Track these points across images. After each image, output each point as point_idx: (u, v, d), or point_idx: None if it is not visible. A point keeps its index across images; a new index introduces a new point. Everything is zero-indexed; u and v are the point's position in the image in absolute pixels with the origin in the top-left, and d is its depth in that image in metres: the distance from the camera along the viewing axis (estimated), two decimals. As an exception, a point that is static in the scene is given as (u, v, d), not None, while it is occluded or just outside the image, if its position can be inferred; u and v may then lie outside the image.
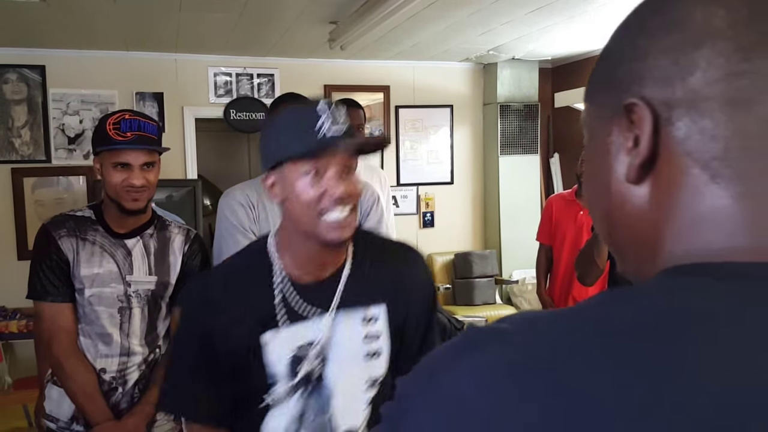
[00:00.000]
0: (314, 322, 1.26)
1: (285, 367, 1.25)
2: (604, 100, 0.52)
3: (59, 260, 1.83)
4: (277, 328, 1.25)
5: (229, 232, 2.01)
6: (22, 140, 4.53)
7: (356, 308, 1.29)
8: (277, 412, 1.28)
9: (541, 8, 3.57)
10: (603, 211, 0.54)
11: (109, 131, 1.76)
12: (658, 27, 0.48)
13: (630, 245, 0.52)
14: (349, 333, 1.29)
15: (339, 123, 1.17)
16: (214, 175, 6.32)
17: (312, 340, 1.26)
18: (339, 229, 1.19)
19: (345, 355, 1.28)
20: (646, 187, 0.49)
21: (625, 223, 0.51)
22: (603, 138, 0.52)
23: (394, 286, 1.33)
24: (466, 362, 0.43)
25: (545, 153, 5.66)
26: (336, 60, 5.00)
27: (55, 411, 1.90)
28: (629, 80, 0.49)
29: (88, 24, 3.86)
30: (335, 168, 1.18)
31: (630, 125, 0.49)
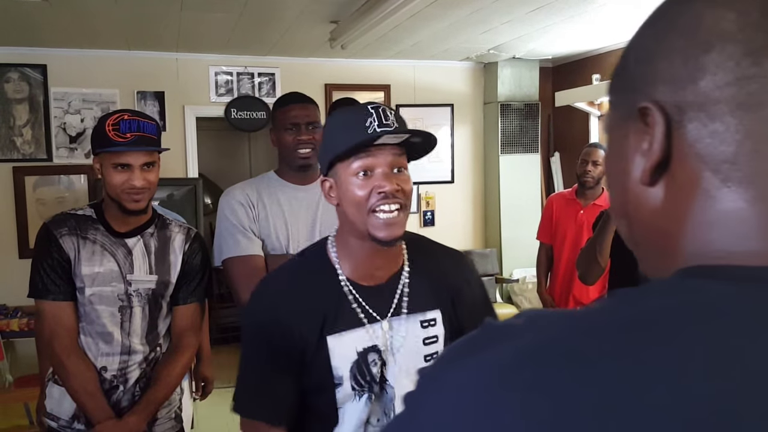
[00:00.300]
0: (375, 326, 1.29)
1: (348, 370, 1.28)
2: (620, 101, 0.53)
3: (60, 259, 1.83)
4: (341, 331, 1.27)
5: (229, 232, 2.01)
6: (24, 139, 4.54)
7: (415, 312, 1.33)
8: (343, 417, 1.30)
9: (541, 7, 3.58)
10: (622, 212, 0.54)
11: (109, 132, 1.75)
12: (668, 30, 0.49)
13: (648, 246, 0.53)
14: (409, 336, 1.31)
15: (387, 121, 1.21)
16: (215, 174, 6.33)
17: (374, 343, 1.29)
18: (388, 227, 1.23)
19: (406, 358, 1.31)
20: (660, 189, 0.49)
21: (642, 224, 0.52)
22: (620, 140, 0.52)
23: (449, 291, 1.37)
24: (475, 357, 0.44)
25: (546, 152, 5.66)
26: (337, 59, 5.00)
27: (56, 409, 1.91)
28: (642, 83, 0.49)
29: (90, 23, 3.87)
30: (383, 165, 1.22)
31: (644, 128, 0.49)
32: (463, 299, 1.38)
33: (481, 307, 1.43)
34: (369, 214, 1.22)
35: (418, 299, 1.33)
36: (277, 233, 2.04)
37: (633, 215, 0.52)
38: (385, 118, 1.22)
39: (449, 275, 1.39)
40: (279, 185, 2.11)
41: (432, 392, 0.46)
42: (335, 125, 1.28)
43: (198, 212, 4.63)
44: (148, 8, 3.54)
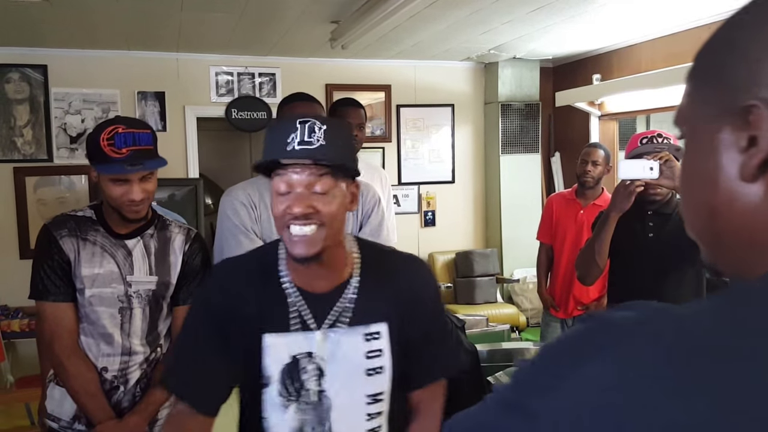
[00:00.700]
0: (313, 333, 1.28)
1: (279, 373, 1.27)
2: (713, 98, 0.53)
3: (60, 260, 1.83)
4: (277, 331, 1.27)
5: (231, 233, 2.00)
6: (24, 139, 4.55)
7: (358, 325, 1.30)
8: (274, 422, 1.29)
9: (541, 7, 3.58)
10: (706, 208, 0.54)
11: (104, 147, 1.73)
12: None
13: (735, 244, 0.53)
14: (350, 348, 1.29)
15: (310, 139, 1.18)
16: (215, 174, 6.33)
17: (309, 350, 1.27)
18: (301, 245, 1.20)
19: (345, 370, 1.29)
20: (760, 186, 0.50)
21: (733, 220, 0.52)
22: (710, 135, 0.52)
23: (399, 303, 1.33)
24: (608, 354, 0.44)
25: (546, 152, 5.66)
26: (337, 59, 5.00)
27: (57, 410, 1.91)
28: (748, 82, 0.50)
29: (90, 23, 3.87)
30: (299, 186, 1.19)
31: (746, 125, 0.49)
32: (416, 312, 1.35)
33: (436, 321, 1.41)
34: (284, 230, 1.22)
35: (364, 312, 1.30)
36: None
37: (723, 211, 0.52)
38: (309, 135, 1.18)
39: (403, 288, 1.35)
40: None
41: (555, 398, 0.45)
42: (269, 133, 1.26)
43: (199, 212, 4.63)
44: (148, 8, 3.55)
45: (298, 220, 1.19)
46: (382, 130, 5.38)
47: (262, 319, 1.27)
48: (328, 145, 1.19)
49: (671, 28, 4.13)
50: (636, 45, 4.57)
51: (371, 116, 5.12)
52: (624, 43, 4.64)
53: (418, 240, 5.48)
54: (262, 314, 1.27)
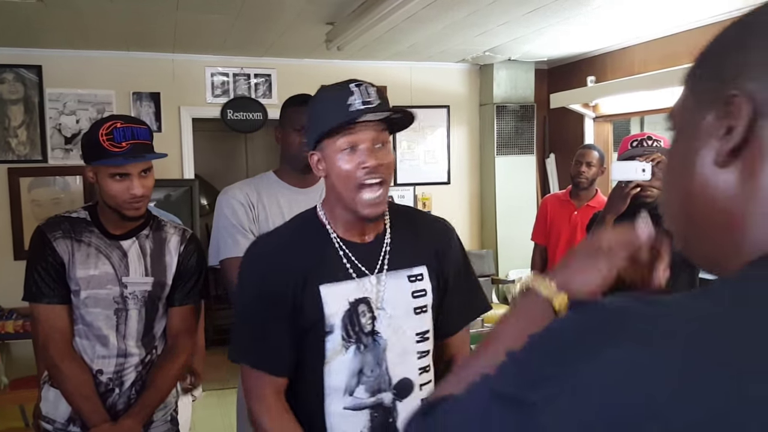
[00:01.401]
0: (365, 279, 1.38)
1: (340, 320, 1.35)
2: (706, 88, 0.55)
3: (54, 262, 1.82)
4: (332, 282, 1.36)
5: (228, 231, 2.00)
6: (19, 140, 4.53)
7: (402, 268, 1.42)
8: (336, 367, 1.37)
9: (537, 10, 3.59)
10: (682, 193, 0.56)
11: (103, 142, 1.74)
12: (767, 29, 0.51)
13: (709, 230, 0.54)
14: (398, 290, 1.41)
15: (369, 98, 1.30)
16: (211, 175, 6.32)
17: (364, 296, 1.37)
18: (373, 206, 1.33)
19: (396, 311, 1.39)
20: (731, 172, 0.51)
21: (706, 206, 0.54)
22: (696, 123, 0.54)
23: (432, 250, 1.47)
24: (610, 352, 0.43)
25: (541, 153, 5.67)
26: (333, 60, 5.00)
27: (52, 412, 1.90)
28: (735, 73, 0.51)
29: (85, 24, 3.86)
30: (366, 141, 1.31)
31: (726, 114, 0.51)
32: (447, 258, 1.49)
33: (463, 268, 1.55)
34: (356, 191, 1.32)
35: (404, 256, 1.43)
36: None
37: (696, 197, 0.54)
38: (368, 95, 1.30)
39: (432, 236, 1.50)
40: (279, 187, 2.10)
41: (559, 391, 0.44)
42: (321, 102, 1.36)
43: (194, 213, 4.63)
44: (143, 9, 3.54)
45: (371, 174, 1.31)
46: (377, 131, 5.38)
47: (317, 272, 1.36)
48: (383, 103, 1.32)
49: (665, 31, 4.14)
50: (630, 47, 4.58)
51: (367, 117, 5.11)
52: (618, 45, 4.66)
53: (414, 241, 5.48)
54: (316, 268, 1.36)
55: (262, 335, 1.37)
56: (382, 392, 1.39)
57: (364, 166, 1.30)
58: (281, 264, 1.37)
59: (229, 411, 1.95)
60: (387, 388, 1.39)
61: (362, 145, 1.31)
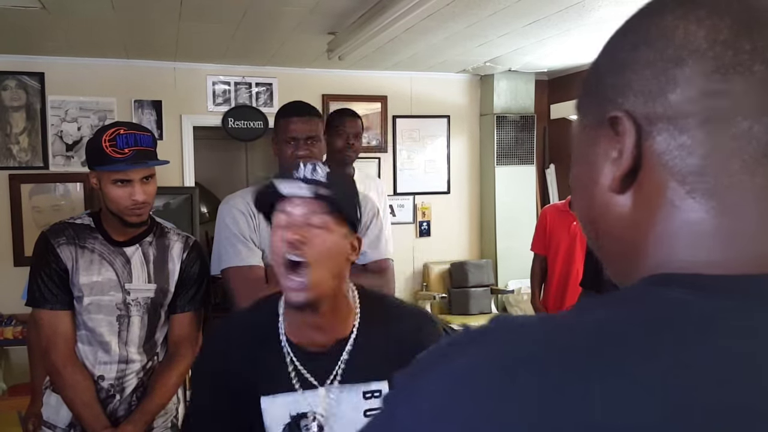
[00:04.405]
0: (311, 393, 1.26)
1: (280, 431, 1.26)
2: (591, 110, 0.53)
3: (58, 268, 1.83)
4: (275, 393, 1.25)
5: (229, 241, 2.00)
6: (20, 147, 4.54)
7: (357, 382, 1.28)
8: None
9: (537, 21, 3.61)
10: (588, 219, 0.55)
11: (106, 149, 1.75)
12: (640, 42, 0.49)
13: (614, 252, 0.54)
14: (348, 406, 1.27)
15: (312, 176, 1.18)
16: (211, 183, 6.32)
17: (308, 409, 1.26)
18: (295, 293, 1.18)
19: (345, 428, 1.27)
20: (628, 197, 0.50)
21: (608, 230, 0.53)
22: (589, 148, 0.53)
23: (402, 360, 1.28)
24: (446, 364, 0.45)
25: (541, 164, 5.69)
26: (334, 70, 5.02)
27: (53, 418, 1.91)
28: (613, 92, 0.50)
29: (88, 32, 3.88)
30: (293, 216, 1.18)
31: (614, 136, 0.50)
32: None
33: None
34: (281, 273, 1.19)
35: (363, 368, 1.27)
36: None
37: (599, 222, 0.53)
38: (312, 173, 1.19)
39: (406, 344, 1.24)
40: None
41: (405, 399, 0.47)
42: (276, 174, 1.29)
43: (194, 221, 4.63)
44: (146, 17, 3.56)
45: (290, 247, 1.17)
46: (378, 140, 5.40)
47: (259, 382, 1.25)
48: (330, 184, 1.19)
49: (665, 43, 4.17)
50: (630, 59, 4.61)
51: (367, 127, 5.13)
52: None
53: (413, 250, 5.49)
54: (259, 376, 1.25)
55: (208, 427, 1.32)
56: None
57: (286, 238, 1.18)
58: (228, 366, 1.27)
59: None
60: None
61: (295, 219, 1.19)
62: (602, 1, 3.24)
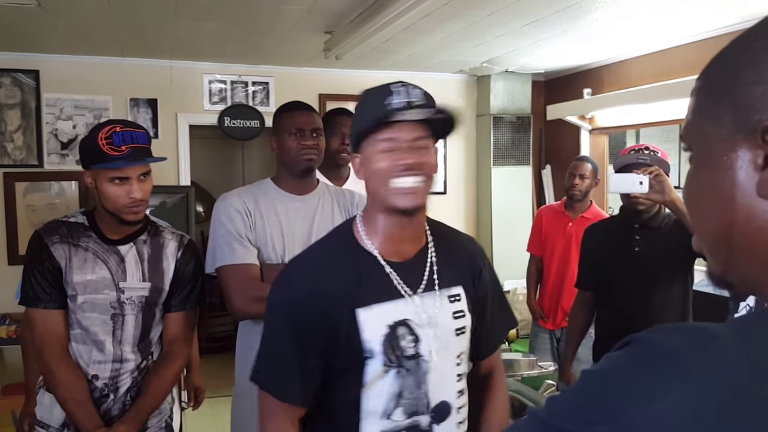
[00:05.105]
0: (405, 300, 1.32)
1: (380, 344, 1.29)
2: (726, 117, 0.54)
3: (51, 267, 1.82)
4: (371, 304, 1.29)
5: (225, 239, 1.99)
6: (15, 145, 4.52)
7: (443, 288, 1.37)
8: (375, 391, 1.31)
9: (535, 22, 3.61)
10: (722, 224, 0.55)
11: (103, 147, 1.74)
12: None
13: (754, 259, 0.54)
14: (441, 310, 1.36)
15: (410, 98, 1.28)
16: (207, 182, 6.32)
17: (404, 318, 1.31)
18: (408, 195, 1.27)
19: (439, 332, 1.34)
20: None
21: (751, 236, 0.53)
22: (722, 153, 0.54)
23: (468, 271, 1.44)
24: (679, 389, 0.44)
25: (537, 164, 5.69)
26: (331, 69, 5.02)
27: (47, 417, 1.90)
28: (761, 102, 0.51)
29: (84, 29, 3.87)
30: (406, 140, 1.27)
31: (762, 144, 0.51)
32: (483, 280, 1.45)
33: (496, 289, 1.52)
34: (391, 185, 1.27)
35: (445, 275, 1.38)
36: (273, 243, 2.03)
37: (740, 228, 0.53)
38: (408, 95, 1.29)
39: (469, 256, 1.46)
40: (276, 194, 2.10)
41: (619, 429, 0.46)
42: (363, 102, 1.35)
43: (190, 220, 4.62)
44: (142, 15, 3.55)
45: (408, 171, 1.26)
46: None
47: (353, 296, 1.29)
48: (428, 103, 1.31)
49: (662, 45, 4.18)
50: (627, 60, 4.61)
51: (364, 126, 5.12)
52: (615, 58, 4.69)
53: (409, 250, 5.49)
54: (351, 290, 1.30)
55: (285, 365, 1.31)
56: (420, 415, 1.33)
57: (402, 162, 1.26)
58: (313, 291, 1.30)
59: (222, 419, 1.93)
60: (425, 410, 1.34)
61: (401, 143, 1.27)
62: (599, 3, 3.24)
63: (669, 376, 0.46)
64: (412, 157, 1.26)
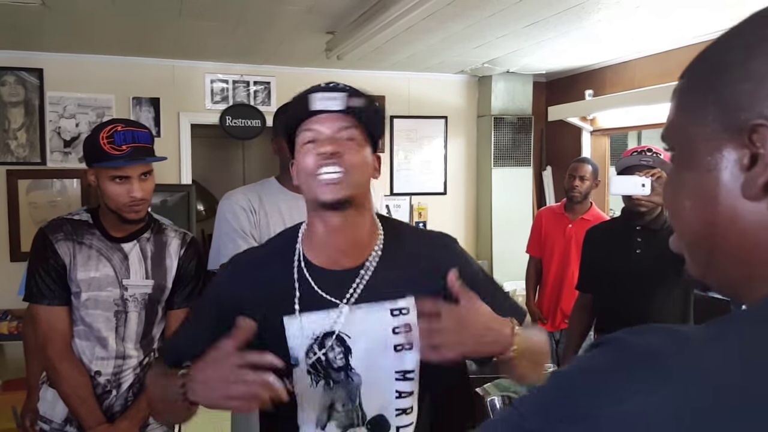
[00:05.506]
0: (335, 311, 1.25)
1: (304, 353, 1.26)
2: (710, 116, 0.52)
3: (56, 264, 1.84)
4: (297, 313, 1.25)
5: (229, 236, 2.00)
6: (18, 142, 4.54)
7: (383, 300, 1.27)
8: (307, 400, 1.27)
9: (536, 23, 3.62)
10: (704, 225, 0.54)
11: (104, 145, 1.76)
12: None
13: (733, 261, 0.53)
14: (375, 324, 1.27)
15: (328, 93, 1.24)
16: (208, 181, 6.33)
17: (332, 329, 1.25)
18: (331, 187, 1.20)
19: (372, 346, 1.27)
20: (764, 204, 0.50)
21: (733, 238, 0.52)
22: (705, 153, 0.52)
23: (428, 278, 1.28)
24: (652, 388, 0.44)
25: (538, 166, 5.70)
26: (332, 69, 5.03)
27: (49, 413, 1.91)
28: (748, 101, 0.50)
29: (87, 29, 3.88)
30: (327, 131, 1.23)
31: (749, 143, 0.49)
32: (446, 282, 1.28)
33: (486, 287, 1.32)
34: (314, 178, 1.21)
35: (389, 286, 1.27)
36: None
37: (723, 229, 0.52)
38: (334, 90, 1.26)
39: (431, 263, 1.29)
40: (280, 193, 2.11)
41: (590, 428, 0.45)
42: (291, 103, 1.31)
43: (191, 219, 4.63)
44: (145, 15, 3.56)
45: (328, 160, 1.20)
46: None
47: (282, 302, 1.25)
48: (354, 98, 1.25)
49: (664, 46, 4.18)
50: (629, 62, 4.62)
51: (365, 126, 5.13)
52: (617, 59, 4.70)
53: (409, 250, 5.49)
54: (280, 297, 1.26)
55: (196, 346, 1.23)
56: (355, 427, 1.29)
57: (320, 151, 1.20)
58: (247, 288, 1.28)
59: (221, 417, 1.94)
60: (359, 423, 1.29)
61: (321, 135, 1.22)
62: (601, 4, 3.25)
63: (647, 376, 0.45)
64: (332, 147, 1.20)
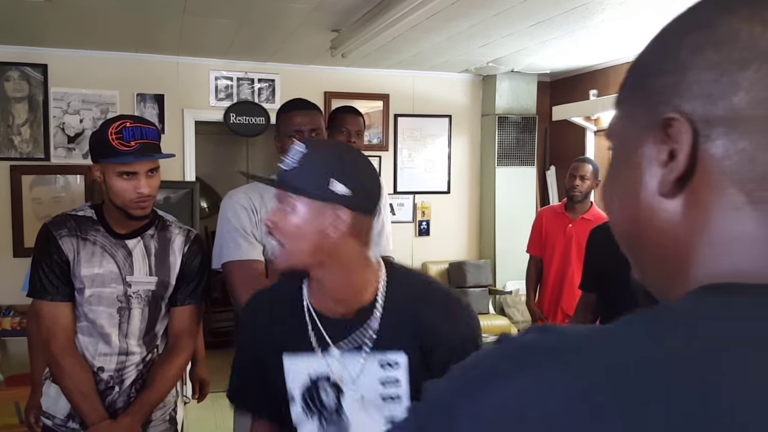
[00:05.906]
0: (329, 356, 1.31)
1: (299, 392, 1.34)
2: (639, 110, 0.51)
3: (59, 260, 1.84)
4: (296, 353, 1.33)
5: (231, 235, 2.00)
6: (22, 138, 4.55)
7: (375, 351, 1.28)
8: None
9: (541, 22, 3.62)
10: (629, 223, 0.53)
11: (113, 141, 1.76)
12: (702, 42, 0.47)
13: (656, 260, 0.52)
14: (364, 374, 1.29)
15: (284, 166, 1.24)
16: (211, 178, 6.34)
17: (327, 373, 1.32)
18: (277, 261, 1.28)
19: (361, 393, 1.30)
20: (678, 201, 0.48)
21: (652, 236, 0.51)
22: (634, 149, 0.51)
23: (422, 337, 1.27)
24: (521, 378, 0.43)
25: (542, 165, 5.70)
26: (337, 67, 5.03)
27: (52, 408, 1.92)
28: (669, 93, 0.48)
29: (92, 24, 3.89)
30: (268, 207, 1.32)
31: (666, 138, 0.48)
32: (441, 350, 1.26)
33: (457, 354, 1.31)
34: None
35: (383, 339, 1.27)
36: None
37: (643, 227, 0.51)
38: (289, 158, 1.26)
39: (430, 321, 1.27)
40: None
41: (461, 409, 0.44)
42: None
43: (194, 216, 4.64)
44: (150, 11, 3.57)
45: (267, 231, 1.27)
46: (379, 138, 5.41)
47: (284, 342, 1.34)
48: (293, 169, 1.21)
49: (668, 47, 4.18)
50: (633, 62, 4.62)
51: (369, 125, 5.14)
52: (621, 59, 4.69)
53: (412, 249, 5.50)
54: (284, 337, 1.34)
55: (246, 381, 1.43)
56: None
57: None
58: (260, 329, 1.39)
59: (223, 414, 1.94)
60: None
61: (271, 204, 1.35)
62: (606, 4, 3.24)
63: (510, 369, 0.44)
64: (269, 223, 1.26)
